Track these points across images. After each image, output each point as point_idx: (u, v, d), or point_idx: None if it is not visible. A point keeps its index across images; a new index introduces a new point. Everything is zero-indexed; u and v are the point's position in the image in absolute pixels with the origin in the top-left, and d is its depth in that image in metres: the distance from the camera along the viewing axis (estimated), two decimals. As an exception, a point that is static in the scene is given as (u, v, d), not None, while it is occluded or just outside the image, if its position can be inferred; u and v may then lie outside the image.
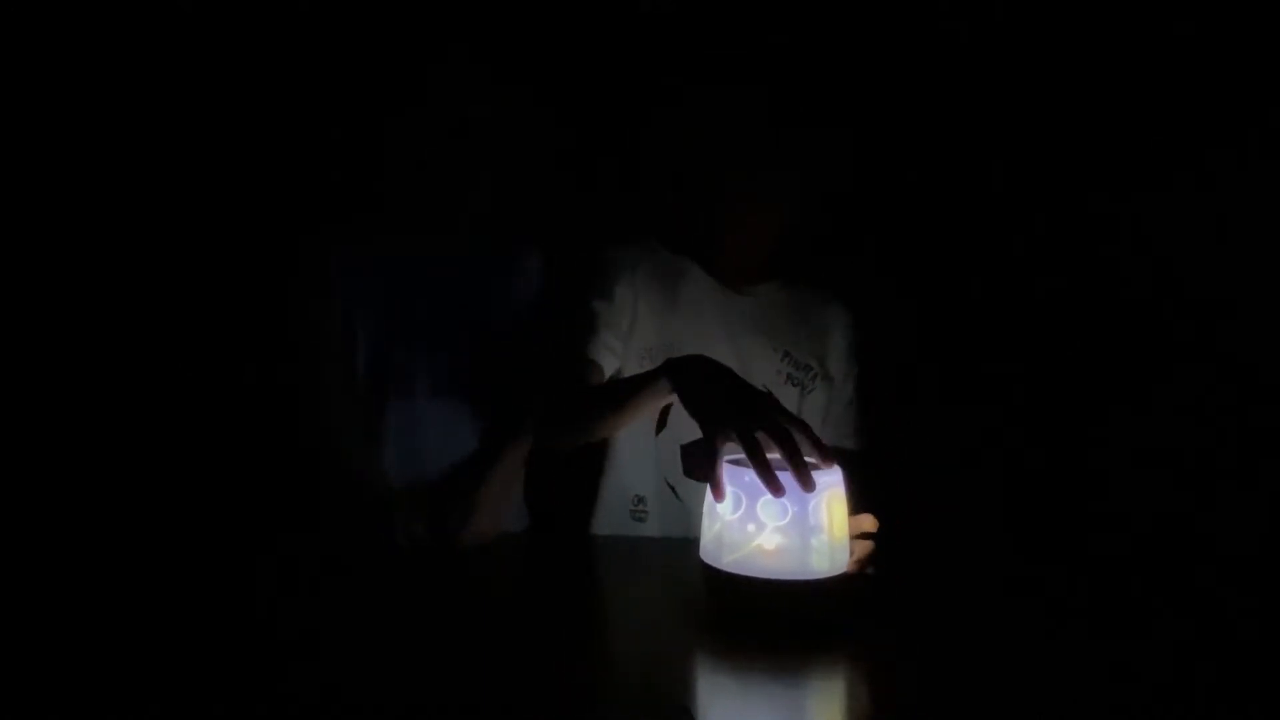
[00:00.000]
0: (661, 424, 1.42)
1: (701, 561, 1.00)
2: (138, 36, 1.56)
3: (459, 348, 1.46)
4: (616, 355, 1.41)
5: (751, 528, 0.96)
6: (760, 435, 0.95)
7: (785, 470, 0.98)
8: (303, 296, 1.44)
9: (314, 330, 1.43)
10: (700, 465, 1.39)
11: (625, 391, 1.27)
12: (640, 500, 1.43)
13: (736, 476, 0.98)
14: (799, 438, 0.96)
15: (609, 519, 1.45)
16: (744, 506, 0.97)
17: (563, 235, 1.57)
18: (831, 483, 0.98)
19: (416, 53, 1.45)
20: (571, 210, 1.63)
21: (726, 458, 1.02)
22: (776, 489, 0.93)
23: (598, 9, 1.68)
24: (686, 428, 1.39)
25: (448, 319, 1.47)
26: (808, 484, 0.93)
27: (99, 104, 1.57)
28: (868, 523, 1.06)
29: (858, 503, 1.06)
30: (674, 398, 1.16)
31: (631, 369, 1.42)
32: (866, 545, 1.05)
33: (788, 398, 1.45)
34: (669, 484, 1.42)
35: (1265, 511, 1.17)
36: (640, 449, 1.43)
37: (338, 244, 1.46)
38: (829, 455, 0.98)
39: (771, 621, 0.95)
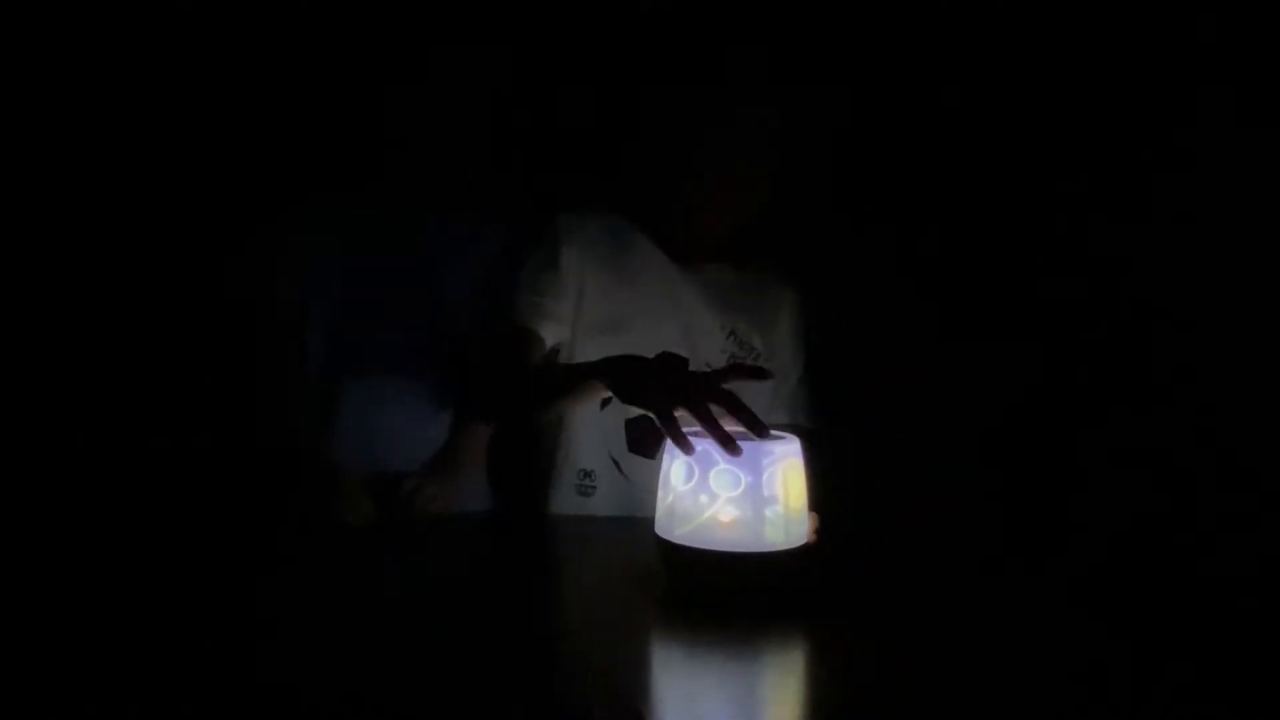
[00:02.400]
0: (607, 399, 1.40)
1: (655, 534, 0.98)
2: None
3: (415, 326, 1.43)
4: (563, 324, 1.39)
5: (704, 499, 0.93)
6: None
7: (745, 442, 0.96)
8: (254, 279, 1.40)
9: (267, 312, 1.39)
10: (644, 440, 1.38)
11: (561, 385, 1.28)
12: (587, 475, 1.41)
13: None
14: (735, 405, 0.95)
15: (560, 494, 1.42)
16: (696, 477, 0.94)
17: (522, 211, 1.53)
18: (788, 453, 0.96)
19: (384, 33, 1.40)
20: (531, 186, 1.60)
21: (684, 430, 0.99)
22: (734, 449, 0.91)
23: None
24: (629, 407, 1.39)
25: (404, 297, 1.43)
26: (734, 449, 0.92)
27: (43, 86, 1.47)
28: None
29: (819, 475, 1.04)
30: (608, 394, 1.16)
31: (581, 343, 1.41)
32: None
33: None
34: (613, 459, 1.40)
35: (1233, 507, 1.18)
36: (587, 423, 1.41)
37: (290, 224, 1.41)
38: (761, 427, 0.96)
39: (724, 595, 0.93)
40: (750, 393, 1.43)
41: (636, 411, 1.38)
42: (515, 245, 1.45)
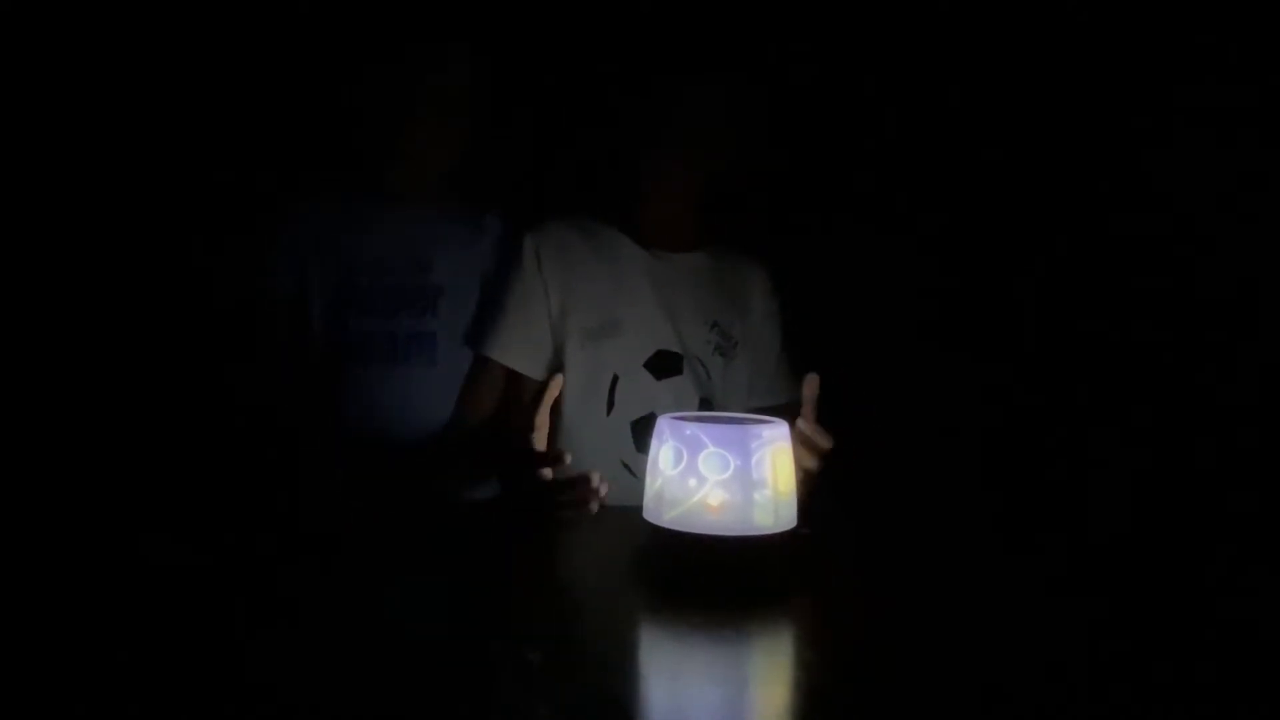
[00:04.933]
0: (610, 406, 1.42)
1: (643, 519, 0.97)
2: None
3: (416, 313, 1.44)
4: (538, 349, 1.42)
5: (693, 483, 0.93)
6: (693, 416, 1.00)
7: (733, 425, 0.96)
8: (253, 270, 1.43)
9: (266, 301, 1.42)
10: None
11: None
12: None
13: (678, 430, 0.96)
14: None
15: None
16: (685, 461, 0.94)
17: (520, 200, 1.55)
18: (776, 437, 0.96)
19: (376, 20, 1.44)
20: (530, 178, 1.62)
21: (669, 415, 1.00)
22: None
23: None
24: (634, 406, 1.40)
25: (403, 284, 1.45)
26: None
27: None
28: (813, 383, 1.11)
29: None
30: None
31: (573, 351, 1.42)
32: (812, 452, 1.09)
33: (714, 367, 1.46)
34: (624, 464, 1.40)
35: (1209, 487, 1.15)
36: (592, 433, 1.41)
37: (287, 213, 1.44)
38: None
39: (713, 579, 0.92)
40: (732, 375, 1.46)
41: (638, 414, 1.39)
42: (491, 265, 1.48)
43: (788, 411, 1.43)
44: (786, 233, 1.60)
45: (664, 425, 0.97)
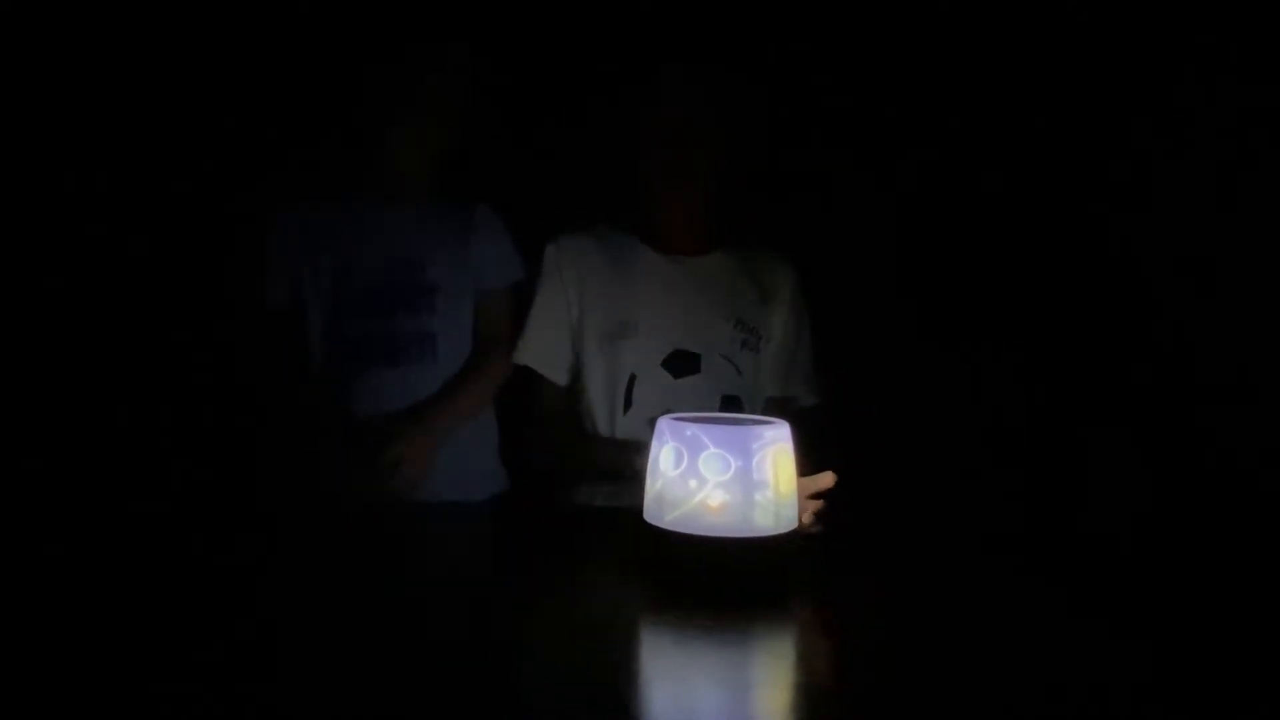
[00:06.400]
0: (628, 404, 1.42)
1: (643, 520, 0.97)
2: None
3: (414, 312, 1.45)
4: (560, 354, 1.47)
5: (693, 484, 0.92)
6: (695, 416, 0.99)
7: (734, 426, 0.95)
8: (247, 275, 1.43)
9: (263, 307, 1.42)
10: None
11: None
12: None
13: (678, 431, 0.95)
14: None
15: (584, 495, 1.43)
16: (685, 462, 0.93)
17: (521, 203, 1.56)
18: (777, 438, 0.95)
19: (377, 20, 1.44)
20: (527, 177, 1.63)
21: (669, 415, 0.99)
22: None
23: None
24: (652, 405, 1.40)
25: (398, 284, 1.45)
26: None
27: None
28: (825, 480, 1.05)
29: (814, 457, 1.05)
30: None
31: (591, 353, 1.44)
32: (817, 504, 1.04)
33: (743, 363, 1.46)
34: None
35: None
36: (611, 432, 1.43)
37: (281, 218, 1.44)
38: None
39: (714, 581, 0.92)
40: (763, 370, 1.46)
41: (656, 414, 1.39)
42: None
43: (813, 413, 1.46)
44: (796, 232, 1.59)
45: (664, 426, 0.97)
